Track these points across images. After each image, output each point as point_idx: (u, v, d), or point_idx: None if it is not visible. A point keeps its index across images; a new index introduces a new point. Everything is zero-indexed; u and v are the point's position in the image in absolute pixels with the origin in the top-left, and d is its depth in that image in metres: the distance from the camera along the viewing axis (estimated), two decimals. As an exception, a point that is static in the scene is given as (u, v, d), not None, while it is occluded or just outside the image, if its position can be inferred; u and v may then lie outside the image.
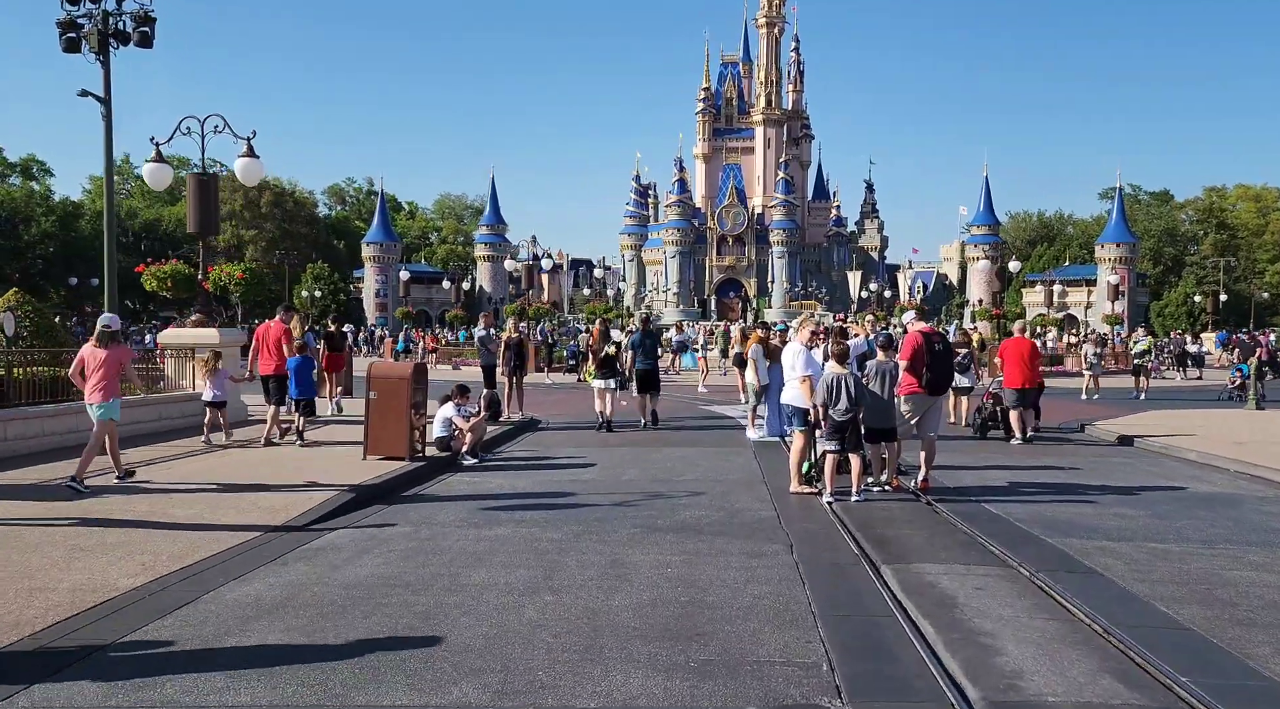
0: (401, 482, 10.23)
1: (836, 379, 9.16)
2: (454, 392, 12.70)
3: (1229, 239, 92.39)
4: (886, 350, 9.73)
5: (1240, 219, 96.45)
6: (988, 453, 13.43)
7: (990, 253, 79.22)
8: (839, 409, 9.11)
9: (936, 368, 9.69)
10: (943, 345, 9.86)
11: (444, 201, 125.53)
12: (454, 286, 55.39)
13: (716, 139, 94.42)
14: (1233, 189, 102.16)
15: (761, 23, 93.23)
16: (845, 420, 9.12)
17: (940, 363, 9.73)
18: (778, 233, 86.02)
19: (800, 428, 9.61)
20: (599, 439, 15.05)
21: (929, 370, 9.65)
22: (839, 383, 9.13)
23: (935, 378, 9.70)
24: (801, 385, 9.38)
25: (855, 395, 9.15)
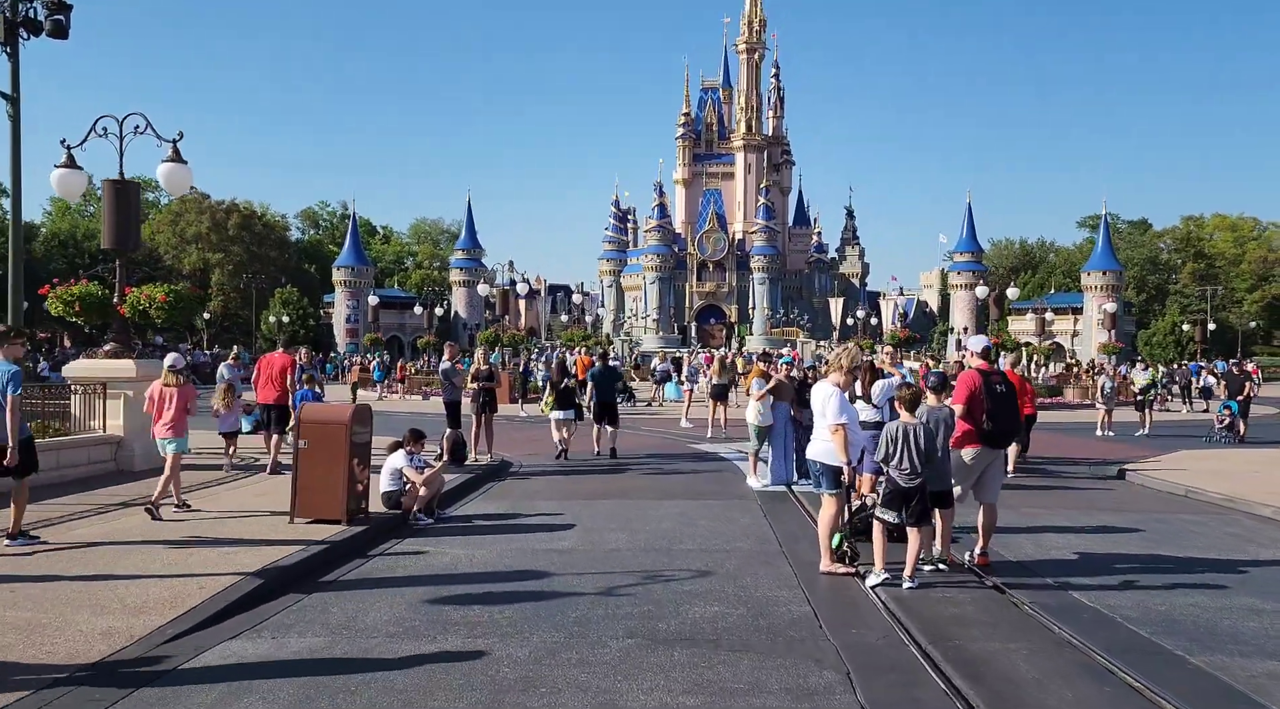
0: (332, 555, 8.17)
1: (902, 431, 7.27)
2: (406, 437, 10.67)
3: (1207, 268, 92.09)
4: (940, 394, 7.83)
5: (1218, 248, 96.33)
6: (1023, 501, 11.56)
7: (974, 280, 78.10)
8: (904, 471, 7.21)
9: (999, 414, 7.81)
10: (1005, 387, 7.98)
11: (420, 226, 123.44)
12: (426, 312, 53.17)
13: (697, 164, 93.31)
14: (1210, 218, 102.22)
15: (742, 49, 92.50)
16: (912, 487, 7.22)
17: (1003, 408, 7.85)
18: (758, 259, 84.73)
19: (831, 491, 7.67)
20: (577, 487, 13.05)
21: (990, 418, 7.77)
22: (905, 436, 7.23)
23: (998, 427, 7.81)
24: (834, 436, 7.45)
25: (926, 452, 7.26)
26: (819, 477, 7.74)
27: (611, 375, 17.43)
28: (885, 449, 7.28)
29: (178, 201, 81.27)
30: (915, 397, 7.56)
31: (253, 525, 9.19)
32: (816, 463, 7.71)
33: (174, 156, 12.82)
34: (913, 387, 7.81)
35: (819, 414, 7.63)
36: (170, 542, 8.37)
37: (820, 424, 7.66)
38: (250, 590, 6.73)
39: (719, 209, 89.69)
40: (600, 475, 14.44)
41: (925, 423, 7.47)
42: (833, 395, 7.54)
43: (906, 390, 7.64)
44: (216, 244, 77.54)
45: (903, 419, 7.42)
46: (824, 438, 7.63)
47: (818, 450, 7.70)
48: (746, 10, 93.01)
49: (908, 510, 7.28)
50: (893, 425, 7.39)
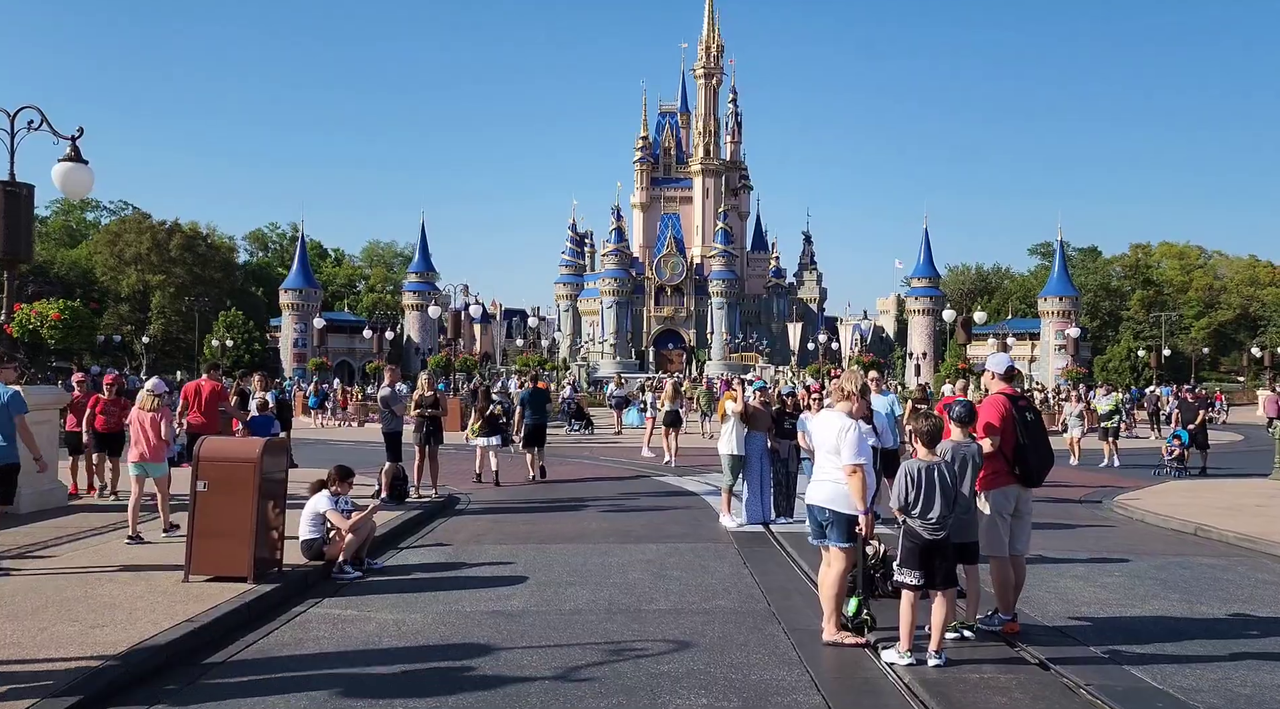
0: (227, 626, 6.68)
1: (924, 472, 6.01)
2: (331, 475, 9.20)
3: (1155, 295, 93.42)
4: (964, 426, 6.60)
5: (1165, 276, 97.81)
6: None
7: (931, 305, 78.18)
8: (929, 522, 5.96)
9: (1032, 447, 6.60)
10: (1034, 415, 6.79)
11: (373, 249, 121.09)
12: (375, 336, 51.35)
13: (654, 188, 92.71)
14: (1157, 246, 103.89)
15: (699, 73, 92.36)
16: (937, 540, 5.98)
17: (1036, 439, 6.65)
18: (717, 283, 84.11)
19: (843, 544, 6.37)
20: (531, 528, 11.63)
21: (1021, 452, 6.56)
22: (928, 478, 5.99)
23: (1033, 461, 6.60)
24: (851, 478, 6.17)
25: (954, 498, 6.02)
26: (826, 525, 6.43)
27: (541, 398, 17.83)
28: (904, 494, 6.03)
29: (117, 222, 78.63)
30: (935, 430, 6.31)
31: (136, 586, 7.64)
32: (824, 510, 6.40)
33: (72, 155, 11.28)
34: (931, 417, 6.53)
35: (828, 450, 6.35)
36: (23, 612, 6.82)
37: (828, 463, 6.38)
38: (101, 688, 5.21)
39: (677, 233, 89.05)
40: (556, 514, 13.04)
41: (949, 461, 6.24)
42: (850, 428, 6.25)
43: (924, 422, 6.36)
44: (157, 265, 74.78)
45: (921, 457, 6.18)
46: (833, 479, 6.34)
47: (826, 495, 6.38)
48: (704, 35, 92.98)
49: (933, 569, 6.03)
50: (911, 466, 6.13)
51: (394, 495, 13.13)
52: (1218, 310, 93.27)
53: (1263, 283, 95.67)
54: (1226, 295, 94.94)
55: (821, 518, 6.45)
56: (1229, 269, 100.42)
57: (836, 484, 6.32)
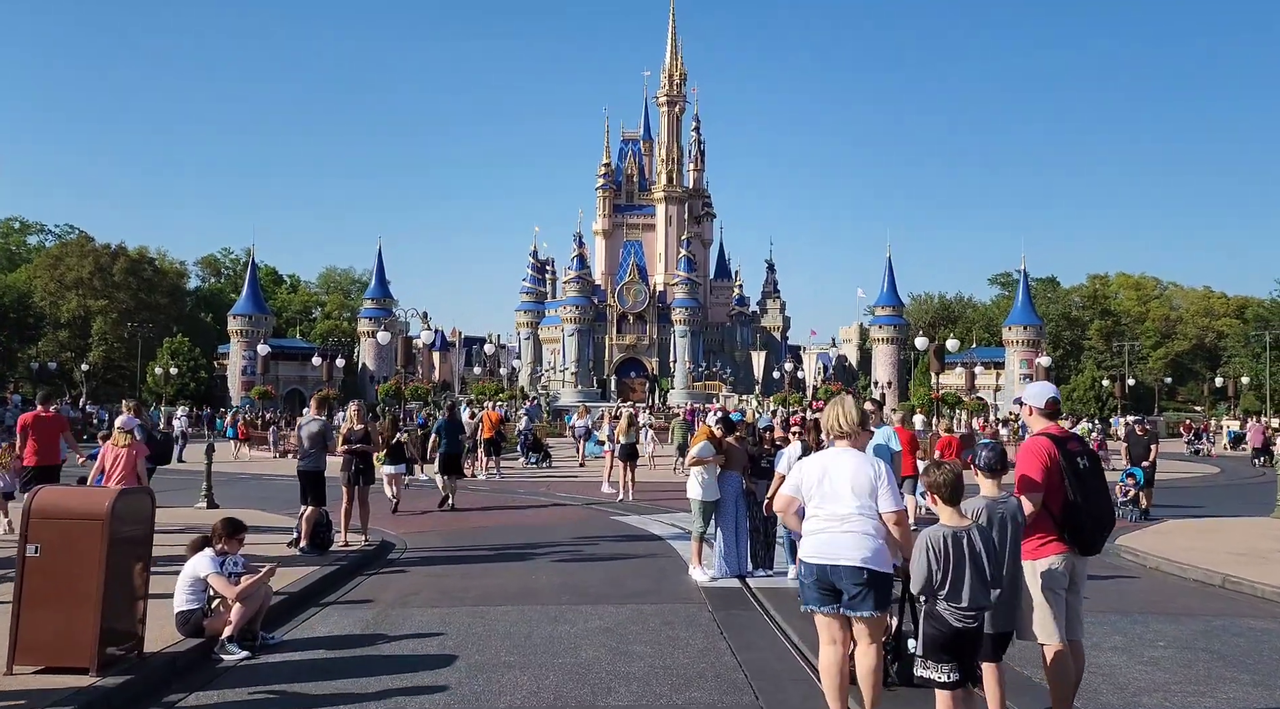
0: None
1: (950, 542, 4.54)
2: (216, 529, 7.53)
3: (1113, 325, 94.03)
4: (996, 475, 5.14)
5: (1123, 306, 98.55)
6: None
7: (895, 334, 77.70)
8: (960, 606, 4.49)
9: (1088, 503, 5.16)
10: (1090, 461, 5.35)
11: (330, 275, 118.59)
12: (326, 363, 49.28)
13: (617, 215, 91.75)
14: (1115, 277, 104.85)
15: (662, 101, 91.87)
16: (973, 628, 4.51)
17: (1092, 492, 5.21)
18: (680, 311, 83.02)
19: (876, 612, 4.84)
20: (468, 584, 9.99)
21: (1073, 511, 5.12)
22: (955, 548, 4.52)
23: (1088, 522, 5.15)
24: (897, 528, 4.69)
25: (993, 573, 4.56)
26: (855, 592, 4.84)
27: (456, 428, 18.15)
28: (926, 572, 4.54)
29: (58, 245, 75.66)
30: (956, 483, 4.80)
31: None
32: (860, 571, 4.82)
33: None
34: (950, 467, 4.93)
35: (857, 493, 4.87)
36: None
37: (847, 510, 4.88)
38: None
39: (639, 261, 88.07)
40: (502, 564, 11.41)
41: (982, 525, 4.78)
42: (886, 470, 4.95)
43: (942, 472, 4.81)
44: (100, 290, 71.84)
45: (945, 521, 4.71)
46: (863, 530, 4.88)
47: (862, 551, 4.84)
48: (667, 63, 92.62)
49: (967, 659, 4.57)
50: (933, 534, 4.64)
51: (316, 544, 11.44)
52: (1174, 341, 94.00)
53: (1217, 314, 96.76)
54: (1183, 326, 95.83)
55: (853, 581, 4.87)
56: (1184, 300, 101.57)
57: (869, 536, 4.88)
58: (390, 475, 16.35)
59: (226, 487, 20.75)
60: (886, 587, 4.91)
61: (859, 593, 4.85)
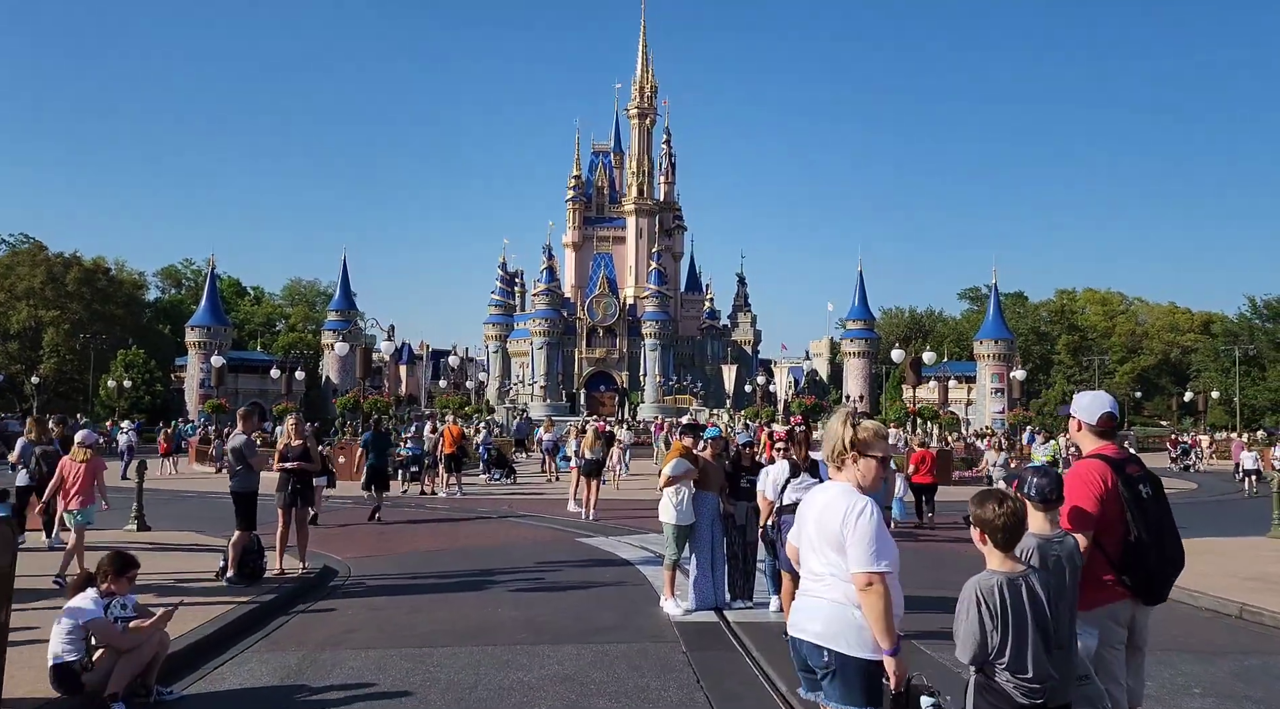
0: None
1: (1009, 593, 3.55)
2: (102, 566, 6.39)
3: (1080, 340, 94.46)
4: (1050, 508, 4.12)
5: (1089, 321, 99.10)
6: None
7: (866, 348, 77.34)
8: (1025, 678, 3.49)
9: (1154, 541, 4.21)
10: (1153, 489, 4.40)
11: (294, 287, 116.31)
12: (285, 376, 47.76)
13: (587, 228, 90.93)
14: (1082, 292, 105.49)
15: (633, 113, 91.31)
16: (1038, 704, 3.51)
17: (1159, 528, 4.25)
18: (650, 324, 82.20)
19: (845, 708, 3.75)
20: (414, 620, 8.89)
21: (1136, 550, 4.16)
22: (1014, 602, 3.54)
23: (1154, 564, 4.20)
24: (863, 595, 3.55)
25: (1057, 634, 3.58)
26: (822, 674, 3.79)
27: (383, 441, 18.11)
28: (979, 632, 3.53)
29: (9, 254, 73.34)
30: (1018, 524, 3.71)
31: None
32: (820, 650, 3.70)
33: None
34: (1005, 499, 3.78)
35: (825, 545, 3.80)
36: None
37: (821, 566, 3.83)
38: None
39: (610, 273, 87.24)
40: (455, 594, 10.31)
41: (1043, 571, 3.78)
42: (863, 513, 3.64)
43: (1000, 509, 3.69)
44: (51, 300, 69.56)
45: (997, 566, 3.69)
46: (831, 596, 3.72)
47: (821, 623, 3.70)
48: (638, 76, 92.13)
49: None
50: (985, 583, 3.60)
51: (244, 574, 10.28)
52: (1141, 356, 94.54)
53: (1182, 329, 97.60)
54: (1149, 341, 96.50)
55: (815, 662, 3.74)
56: (1150, 315, 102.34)
57: (835, 605, 3.69)
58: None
59: (166, 506, 19.44)
60: (863, 677, 3.64)
61: (824, 677, 3.72)
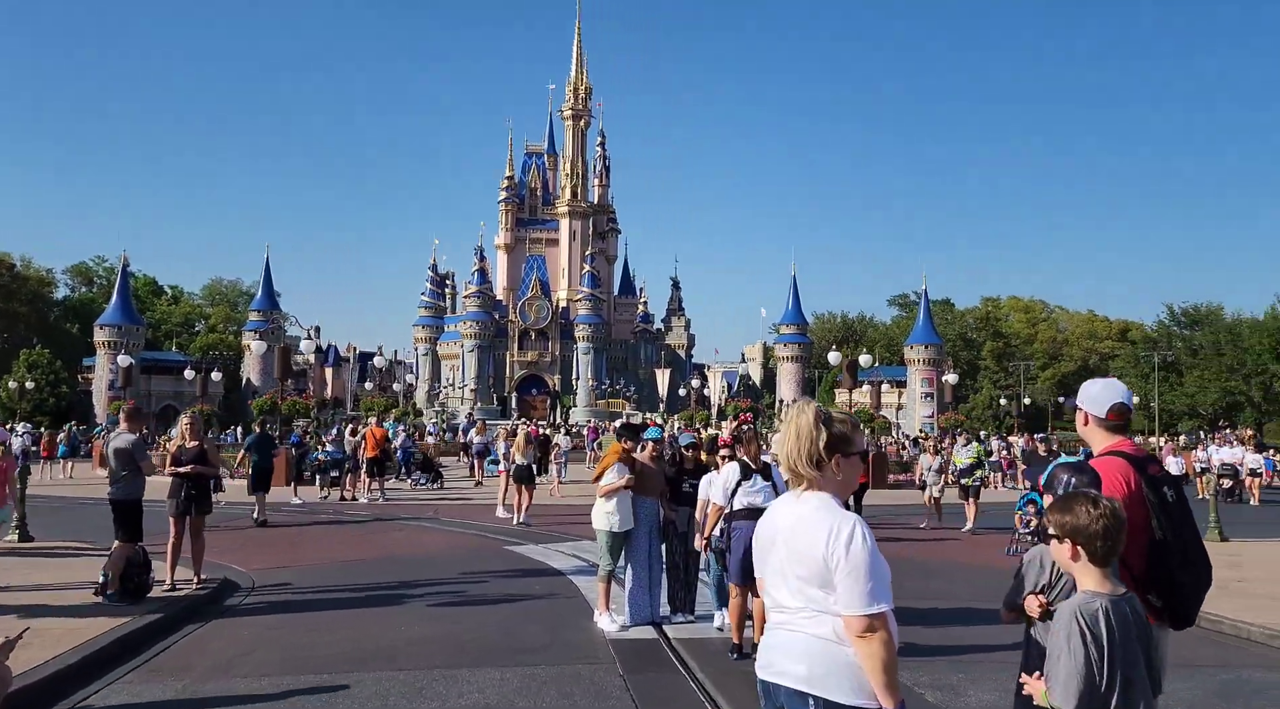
0: None
1: (1114, 619, 2.83)
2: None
3: (1005, 347, 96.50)
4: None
5: (1013, 328, 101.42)
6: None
7: (799, 352, 77.63)
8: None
9: (1181, 553, 3.56)
10: (1177, 494, 3.75)
11: (215, 286, 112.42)
12: (200, 377, 45.66)
13: (520, 229, 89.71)
14: (1006, 300, 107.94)
15: (567, 115, 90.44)
16: None
17: (1185, 537, 3.62)
18: (583, 328, 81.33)
19: None
20: (315, 641, 7.93)
21: (1161, 562, 3.50)
22: (1120, 629, 2.83)
23: (1185, 579, 3.55)
24: (860, 643, 2.79)
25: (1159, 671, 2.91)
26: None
27: (267, 443, 18.22)
28: (1085, 670, 2.72)
29: (-98, 249, 69.23)
30: (1118, 528, 2.99)
31: None
32: (803, 697, 2.84)
33: None
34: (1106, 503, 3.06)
35: (796, 578, 2.94)
36: None
37: (793, 597, 3.02)
38: None
39: (542, 276, 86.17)
40: (366, 610, 9.35)
41: (1122, 601, 3.02)
42: (853, 535, 2.81)
43: (1095, 513, 3.00)
44: (-51, 297, 65.79)
45: (1093, 586, 2.97)
46: (810, 631, 2.88)
47: (804, 664, 2.86)
48: (572, 77, 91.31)
49: None
50: (1087, 607, 2.88)
51: (128, 590, 9.17)
52: (1061, 362, 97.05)
53: (1100, 336, 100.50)
54: (1069, 348, 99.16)
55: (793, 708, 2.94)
56: (1070, 323, 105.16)
57: (822, 641, 2.86)
58: None
59: (57, 514, 17.93)
60: None
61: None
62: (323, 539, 15.26)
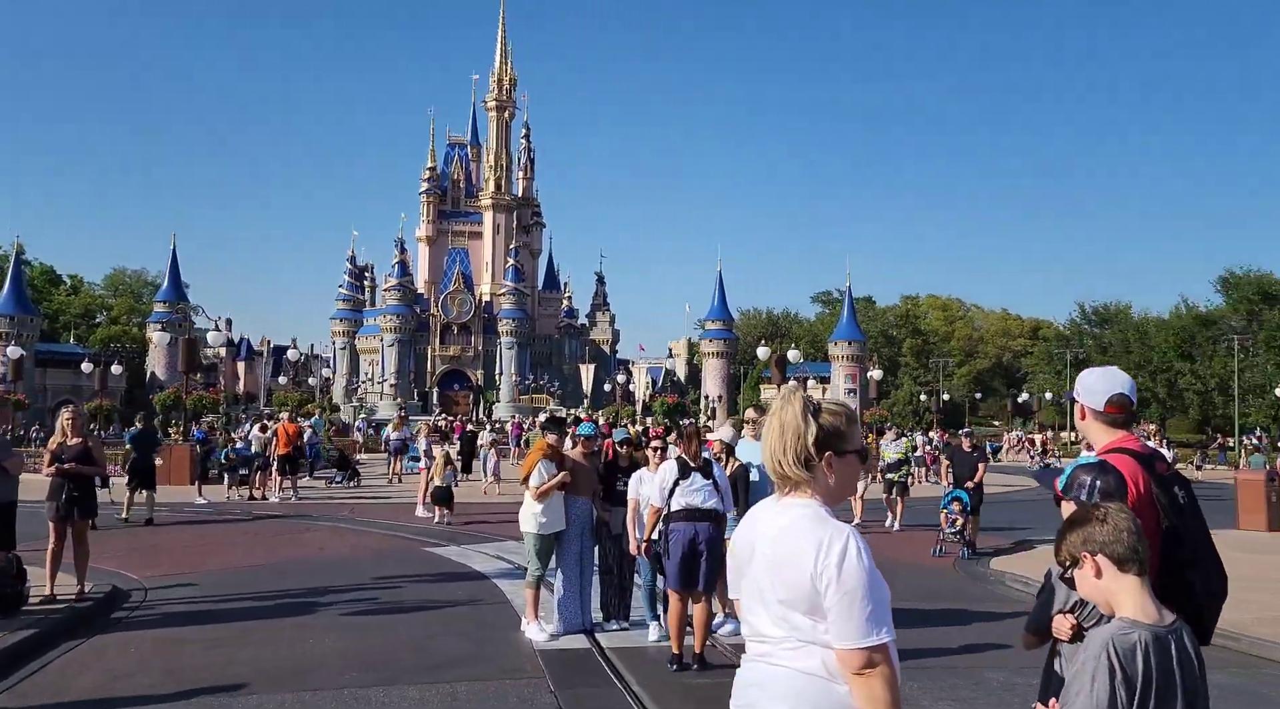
0: None
1: (1153, 653, 2.34)
2: None
3: (923, 344, 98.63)
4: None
5: (931, 325, 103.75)
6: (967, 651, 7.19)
7: (725, 348, 77.91)
8: None
9: (1195, 558, 3.18)
10: (1188, 495, 3.36)
11: (118, 276, 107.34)
12: (100, 370, 43.35)
13: (442, 222, 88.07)
14: (925, 298, 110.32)
15: (491, 106, 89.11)
16: None
17: (1200, 542, 3.24)
18: (507, 322, 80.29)
19: None
20: (209, 660, 7.16)
21: (1175, 569, 3.11)
22: (1159, 666, 2.34)
23: (1203, 591, 3.17)
24: (858, 682, 2.26)
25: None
26: None
27: (149, 438, 17.56)
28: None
29: None
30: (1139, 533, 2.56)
31: None
32: None
33: None
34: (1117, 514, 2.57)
35: (777, 601, 2.40)
36: None
37: (773, 624, 2.46)
38: None
39: (465, 269, 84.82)
40: (270, 621, 8.57)
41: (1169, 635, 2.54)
42: (846, 550, 2.25)
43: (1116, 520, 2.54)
44: None
45: (1131, 613, 2.47)
46: (793, 664, 2.33)
47: (794, 703, 2.29)
48: (497, 67, 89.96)
49: None
50: (1123, 640, 2.38)
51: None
52: (977, 359, 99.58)
53: (1013, 334, 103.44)
54: (984, 345, 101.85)
55: None
56: (985, 321, 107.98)
57: (810, 679, 2.34)
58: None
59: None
60: None
61: None
62: (227, 542, 14.29)
